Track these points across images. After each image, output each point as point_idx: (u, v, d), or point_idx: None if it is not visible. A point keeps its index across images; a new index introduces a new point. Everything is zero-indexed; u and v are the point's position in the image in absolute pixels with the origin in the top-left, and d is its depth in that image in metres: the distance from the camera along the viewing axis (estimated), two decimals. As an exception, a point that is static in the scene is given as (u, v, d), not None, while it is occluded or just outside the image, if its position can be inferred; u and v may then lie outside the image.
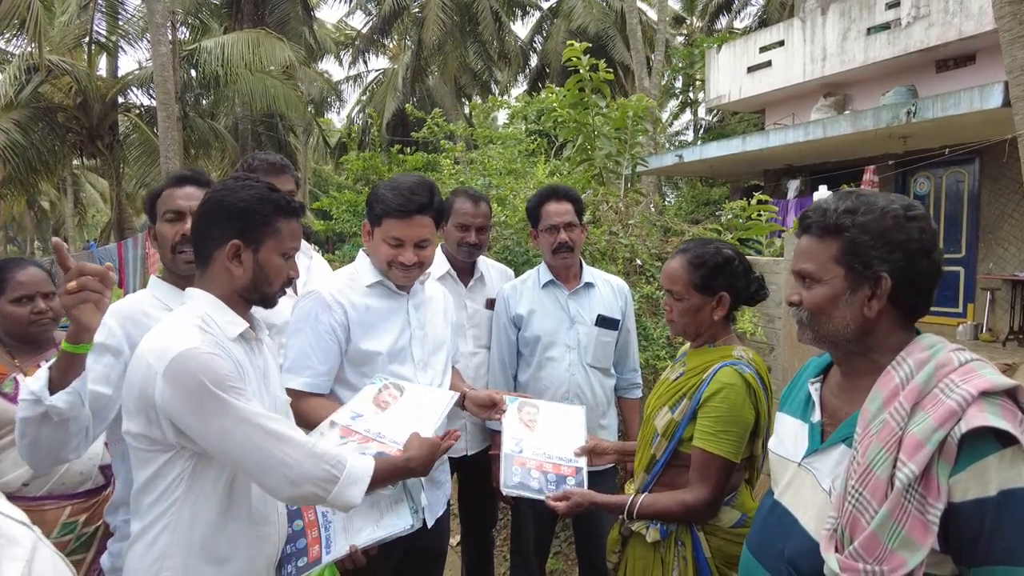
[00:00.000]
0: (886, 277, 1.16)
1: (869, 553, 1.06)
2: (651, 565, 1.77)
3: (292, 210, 1.45)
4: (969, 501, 1.02)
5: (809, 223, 1.25)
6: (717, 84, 12.61)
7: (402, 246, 1.90)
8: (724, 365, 1.70)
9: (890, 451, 1.08)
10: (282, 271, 1.45)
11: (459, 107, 20.19)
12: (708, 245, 1.80)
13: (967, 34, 8.53)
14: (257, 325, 1.52)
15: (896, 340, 1.19)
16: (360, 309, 1.91)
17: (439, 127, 6.21)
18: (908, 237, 1.15)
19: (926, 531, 1.02)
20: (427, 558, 2.07)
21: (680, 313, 1.79)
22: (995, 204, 8.84)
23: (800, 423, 1.33)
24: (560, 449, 2.01)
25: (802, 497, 1.25)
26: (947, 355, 1.13)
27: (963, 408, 1.03)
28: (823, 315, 1.22)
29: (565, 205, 2.45)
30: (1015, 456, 1.02)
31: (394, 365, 1.93)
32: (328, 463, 1.35)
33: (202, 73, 14.09)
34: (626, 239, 3.40)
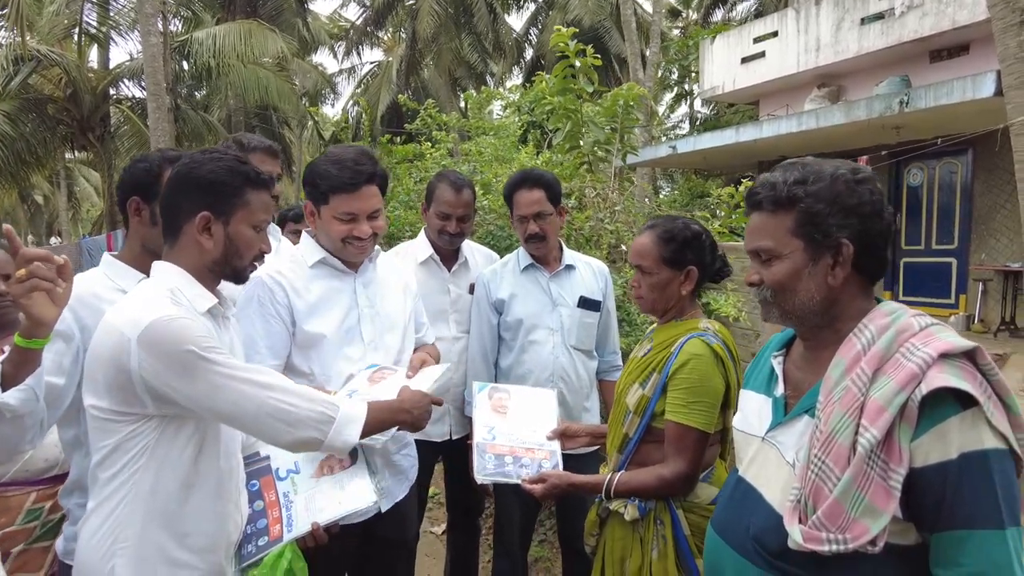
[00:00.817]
0: (847, 243, 1.15)
1: (832, 522, 1.05)
2: (629, 545, 1.75)
3: (261, 182, 1.43)
4: (931, 465, 1.01)
5: (759, 199, 1.22)
6: (711, 75, 12.57)
7: (355, 220, 1.85)
8: (691, 337, 1.72)
9: (852, 417, 1.06)
10: (253, 243, 1.43)
11: (454, 99, 20.09)
12: (676, 221, 1.83)
13: (960, 23, 8.50)
14: (225, 302, 1.49)
15: (857, 308, 1.18)
16: (303, 290, 1.85)
17: (432, 118, 6.17)
18: (861, 200, 1.14)
19: (888, 497, 1.01)
20: (387, 548, 2.02)
21: (649, 288, 1.80)
22: (988, 195, 8.83)
23: (764, 398, 1.31)
24: (533, 434, 2.00)
25: (766, 472, 1.23)
26: (908, 320, 1.12)
27: (923, 370, 1.02)
28: (787, 290, 1.20)
29: (535, 193, 2.39)
30: (975, 418, 1.00)
31: (344, 347, 1.86)
32: (322, 405, 1.37)
33: (194, 65, 14.00)
34: (611, 225, 3.37)
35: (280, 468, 1.58)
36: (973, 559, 0.98)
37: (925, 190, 9.69)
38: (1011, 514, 0.99)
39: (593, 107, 4.93)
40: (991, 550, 0.98)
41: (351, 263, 1.95)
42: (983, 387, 1.02)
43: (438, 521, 3.89)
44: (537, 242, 2.43)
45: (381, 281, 2.01)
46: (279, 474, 1.57)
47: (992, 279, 8.68)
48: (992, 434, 1.00)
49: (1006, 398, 1.04)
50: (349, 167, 1.83)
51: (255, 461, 1.60)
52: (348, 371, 1.85)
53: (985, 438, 1.00)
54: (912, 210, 9.88)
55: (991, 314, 8.66)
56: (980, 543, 0.98)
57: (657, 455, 1.74)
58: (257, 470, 1.57)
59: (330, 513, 1.47)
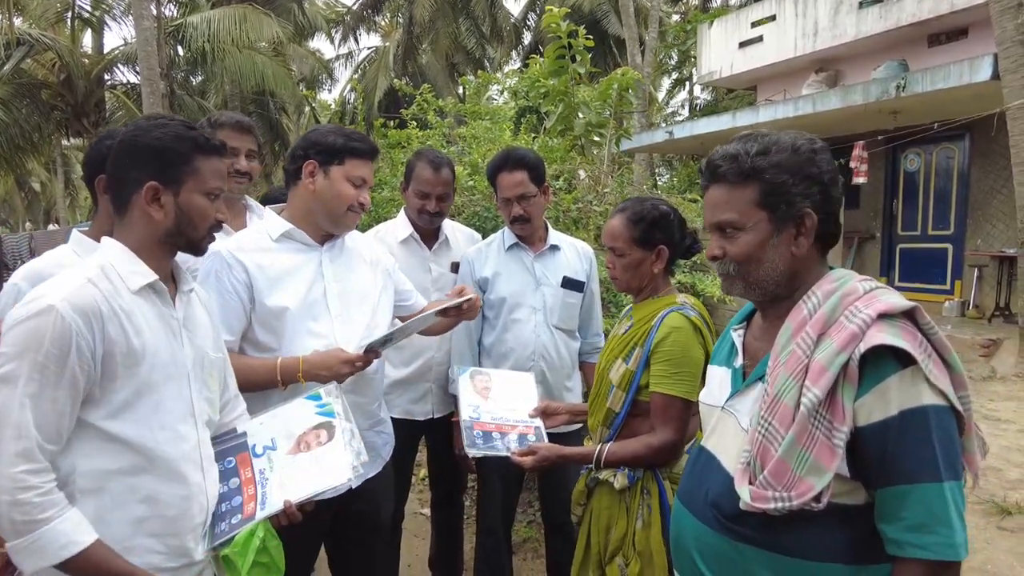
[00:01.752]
0: (811, 212, 1.16)
1: (778, 480, 1.07)
2: (616, 514, 1.81)
3: (212, 147, 1.37)
4: (873, 423, 1.03)
5: (721, 171, 1.21)
6: (709, 60, 12.49)
7: (364, 186, 1.85)
8: (670, 311, 1.78)
9: (797, 379, 1.08)
10: (207, 213, 1.37)
11: (452, 85, 19.99)
12: (645, 202, 1.88)
13: (959, 7, 8.42)
14: (182, 276, 1.45)
15: (815, 276, 1.20)
16: (264, 265, 1.82)
17: (428, 103, 6.13)
18: (821, 169, 1.16)
19: (833, 455, 1.03)
20: (360, 526, 2.01)
21: (623, 268, 1.86)
22: (984, 180, 8.80)
23: (725, 370, 1.33)
24: (516, 412, 2.05)
25: (724, 439, 1.25)
26: (853, 284, 1.14)
27: (863, 330, 1.04)
28: (752, 262, 1.20)
29: (518, 175, 2.36)
30: (915, 376, 1.02)
31: (308, 320, 1.83)
32: (28, 513, 1.15)
33: (189, 50, 13.91)
34: (600, 207, 3.36)
35: (257, 444, 1.55)
36: (913, 512, 1.01)
37: (922, 176, 9.66)
38: (949, 468, 1.01)
39: (588, 91, 4.90)
40: (930, 503, 1.00)
41: (318, 237, 1.92)
42: (923, 345, 1.04)
43: (427, 502, 3.90)
44: (522, 223, 2.42)
45: (349, 255, 1.99)
46: (255, 451, 1.55)
47: (988, 265, 8.66)
48: (931, 391, 1.02)
49: (947, 356, 1.06)
50: (364, 138, 1.87)
51: (231, 438, 1.58)
52: (314, 346, 1.81)
53: (924, 395, 1.02)
54: (909, 196, 9.85)
55: (986, 300, 8.66)
56: (920, 496, 1.01)
57: (643, 427, 1.79)
58: (233, 447, 1.55)
59: (304, 490, 1.44)
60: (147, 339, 1.31)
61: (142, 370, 1.29)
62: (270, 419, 1.58)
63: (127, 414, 1.28)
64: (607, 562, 1.80)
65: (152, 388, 1.31)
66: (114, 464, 1.26)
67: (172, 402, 1.35)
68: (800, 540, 1.09)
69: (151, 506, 1.31)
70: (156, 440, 1.31)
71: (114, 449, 1.27)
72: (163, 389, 1.33)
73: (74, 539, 1.19)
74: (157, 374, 1.32)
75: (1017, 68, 6.32)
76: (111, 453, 1.27)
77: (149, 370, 1.31)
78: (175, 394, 1.36)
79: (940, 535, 1.00)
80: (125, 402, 1.28)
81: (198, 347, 1.44)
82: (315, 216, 1.89)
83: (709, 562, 1.20)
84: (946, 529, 1.00)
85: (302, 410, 1.60)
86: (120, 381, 1.27)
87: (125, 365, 1.27)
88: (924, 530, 1.00)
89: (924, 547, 1.00)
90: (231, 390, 1.61)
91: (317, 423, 1.55)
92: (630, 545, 1.76)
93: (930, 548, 1.00)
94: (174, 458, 1.33)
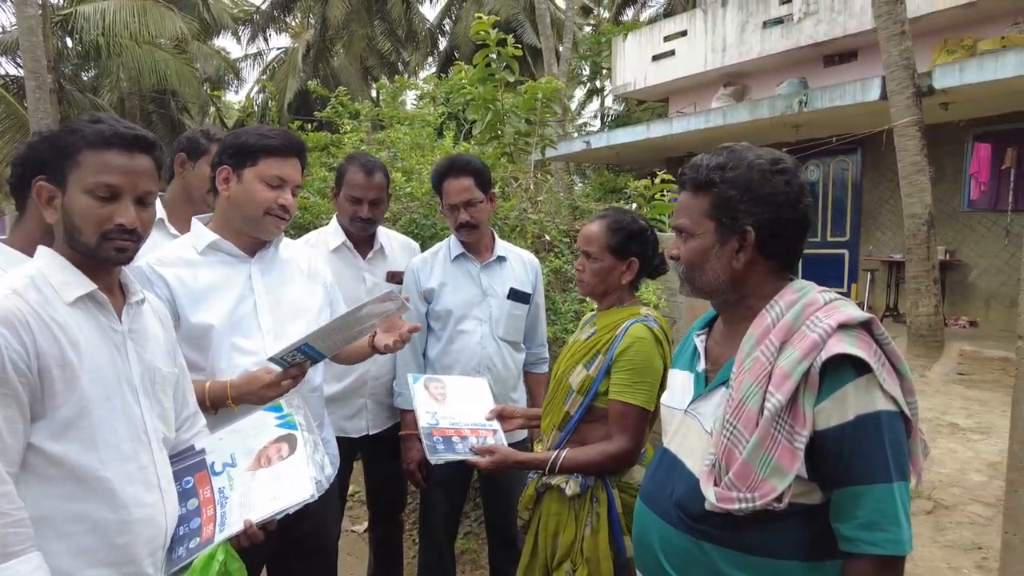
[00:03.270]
0: (751, 230, 1.20)
1: (742, 482, 1.12)
2: (564, 520, 1.81)
3: (104, 139, 1.19)
4: (831, 428, 1.09)
5: (685, 179, 1.28)
6: (623, 72, 12.89)
7: (283, 187, 1.73)
8: (634, 322, 1.81)
9: (761, 385, 1.13)
10: (91, 214, 1.19)
11: (366, 88, 19.61)
12: (626, 214, 1.93)
13: (850, 31, 9.13)
14: (129, 286, 1.33)
15: (770, 288, 1.24)
16: (187, 279, 1.69)
17: (344, 106, 5.94)
18: (774, 190, 1.19)
19: (794, 457, 1.08)
20: (306, 549, 1.90)
21: (592, 273, 1.88)
22: (875, 191, 9.54)
23: (687, 374, 1.36)
24: (473, 416, 2.03)
25: (688, 442, 1.28)
26: (813, 296, 1.19)
27: (824, 340, 1.10)
28: (696, 268, 1.26)
29: (464, 181, 2.32)
30: (870, 383, 1.08)
31: (237, 337, 1.71)
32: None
33: (80, 42, 12.92)
34: (535, 215, 3.37)
35: (216, 462, 1.45)
36: (866, 511, 1.07)
37: (821, 186, 10.36)
38: (899, 469, 1.08)
39: (512, 99, 4.91)
40: (881, 502, 1.07)
41: (247, 247, 1.79)
42: (877, 355, 1.10)
43: (359, 519, 3.77)
44: (468, 230, 2.38)
45: (283, 266, 1.86)
46: (214, 468, 1.44)
47: (879, 269, 9.39)
48: (884, 397, 1.09)
49: (899, 365, 1.13)
50: (281, 134, 1.74)
51: (188, 456, 1.46)
52: (244, 364, 1.69)
53: (877, 401, 1.08)
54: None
55: (878, 301, 9.38)
56: (873, 496, 1.07)
57: (595, 433, 1.81)
58: (190, 466, 1.44)
59: (266, 509, 1.35)
60: (84, 353, 1.19)
61: (81, 385, 1.18)
62: (229, 434, 1.49)
63: (70, 434, 1.17)
64: (554, 568, 1.81)
65: (95, 405, 1.20)
66: (56, 489, 1.15)
67: (117, 421, 1.24)
68: (761, 538, 1.14)
69: (98, 535, 1.19)
70: (102, 461, 1.20)
71: (57, 474, 1.16)
72: (106, 406, 1.22)
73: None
74: (98, 390, 1.20)
75: (902, 89, 6.89)
76: (54, 479, 1.15)
77: (89, 386, 1.19)
78: (120, 412, 1.24)
79: (889, 532, 1.06)
80: (67, 420, 1.16)
81: (147, 361, 1.33)
82: (236, 224, 1.76)
83: (673, 560, 1.24)
84: (895, 527, 1.06)
85: (262, 423, 1.51)
86: (60, 397, 1.16)
87: (63, 380, 1.16)
88: (875, 528, 1.06)
89: (875, 543, 1.06)
90: (190, 406, 1.50)
91: (278, 436, 1.46)
92: (578, 552, 1.77)
93: (880, 544, 1.06)
94: (121, 479, 1.22)
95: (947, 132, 8.48)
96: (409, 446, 2.38)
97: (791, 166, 1.22)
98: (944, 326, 7.63)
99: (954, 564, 3.20)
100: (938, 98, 7.23)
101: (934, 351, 7.27)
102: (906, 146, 6.99)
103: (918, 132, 6.91)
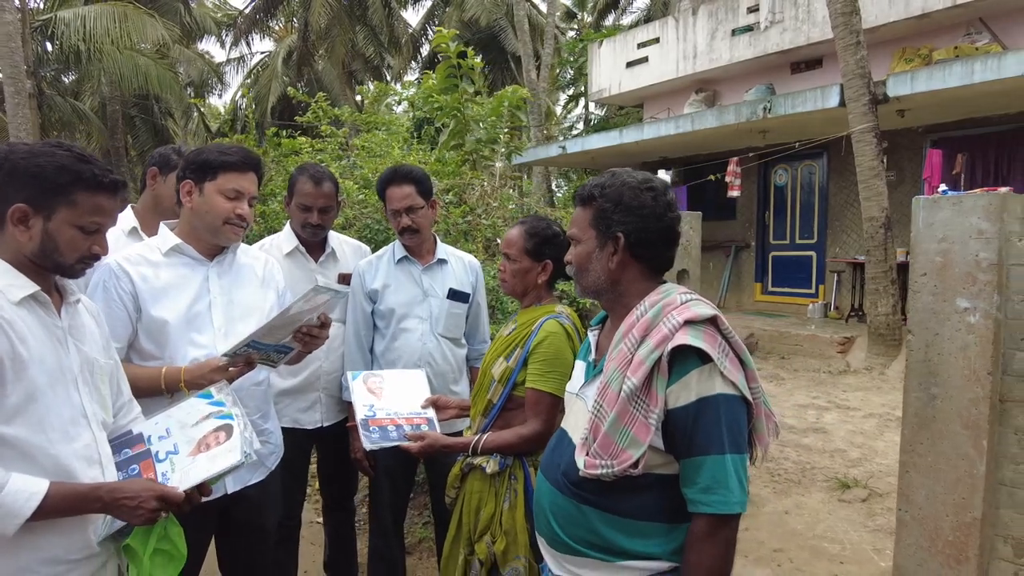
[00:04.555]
0: (621, 236, 1.42)
1: (605, 451, 1.31)
2: (486, 496, 1.99)
3: (98, 183, 1.41)
4: (679, 407, 1.28)
5: (577, 195, 1.51)
6: (599, 78, 13.11)
7: (240, 199, 1.92)
8: (548, 318, 2.01)
9: (622, 370, 1.33)
10: (76, 244, 1.42)
11: (350, 93, 19.74)
12: (542, 220, 2.13)
13: (814, 40, 9.38)
14: (66, 288, 1.51)
15: (642, 288, 1.44)
16: (149, 277, 1.90)
17: (324, 112, 6.10)
18: (641, 204, 1.41)
19: (647, 431, 1.28)
20: (244, 530, 2.08)
21: (512, 273, 2.09)
22: (839, 194, 9.81)
23: (582, 363, 1.58)
24: (409, 406, 2.19)
25: (575, 420, 1.48)
26: (673, 296, 1.39)
27: (672, 333, 1.30)
28: (582, 270, 1.48)
29: (405, 188, 2.52)
30: (711, 371, 1.29)
31: (191, 332, 1.92)
32: None
33: (60, 47, 12.97)
34: (488, 220, 3.56)
35: (160, 451, 1.60)
36: (703, 477, 1.27)
37: (789, 190, 10.62)
38: (732, 443, 1.28)
39: (480, 107, 5.10)
40: (715, 470, 1.27)
41: (207, 252, 1.99)
42: (721, 347, 1.30)
43: (321, 511, 3.93)
44: (410, 234, 2.56)
45: (239, 271, 2.07)
46: (158, 456, 1.59)
47: (844, 270, 9.65)
48: (723, 382, 1.29)
49: (742, 355, 1.34)
50: (239, 152, 1.95)
51: (130, 441, 1.60)
52: (195, 355, 1.89)
53: (717, 385, 1.28)
54: (778, 208, 10.79)
55: (844, 302, 9.64)
56: (709, 465, 1.27)
57: (516, 419, 2.00)
58: (136, 455, 1.59)
59: (198, 476, 1.50)
60: (32, 346, 1.36)
61: (29, 374, 1.35)
62: (164, 418, 1.64)
63: (18, 418, 1.34)
64: (476, 540, 1.99)
65: (41, 392, 1.37)
66: (9, 467, 1.32)
67: (61, 406, 1.41)
68: (628, 502, 1.34)
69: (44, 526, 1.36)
70: (49, 440, 1.38)
71: (8, 453, 1.33)
72: (51, 393, 1.39)
73: (33, 490, 1.30)
74: (44, 379, 1.38)
75: (859, 97, 7.15)
76: (5, 457, 1.32)
77: (36, 375, 1.36)
78: (64, 398, 1.42)
79: (721, 495, 1.26)
80: (15, 407, 1.34)
81: (85, 354, 1.50)
82: (199, 232, 1.97)
83: (559, 520, 1.43)
84: (725, 491, 1.26)
85: (194, 407, 1.67)
86: (10, 386, 1.33)
87: (14, 370, 1.33)
88: (710, 491, 1.26)
89: (709, 504, 1.26)
90: (124, 394, 1.67)
91: (216, 426, 1.62)
92: (497, 524, 1.95)
93: (713, 505, 1.26)
94: (66, 456, 1.40)
95: (906, 137, 8.77)
96: (355, 436, 2.56)
97: (659, 186, 1.44)
98: (903, 325, 7.88)
99: (879, 547, 3.41)
100: (894, 105, 7.49)
101: (892, 350, 7.51)
102: (863, 151, 7.24)
103: (874, 138, 7.17)
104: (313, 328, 1.94)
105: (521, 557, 1.91)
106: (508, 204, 3.93)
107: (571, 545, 1.40)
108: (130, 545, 1.47)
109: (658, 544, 1.34)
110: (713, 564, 1.27)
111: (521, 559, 1.91)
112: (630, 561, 1.34)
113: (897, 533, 2.50)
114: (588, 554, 1.38)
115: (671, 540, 1.34)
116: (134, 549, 1.47)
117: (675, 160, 11.55)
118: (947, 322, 2.34)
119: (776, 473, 4.38)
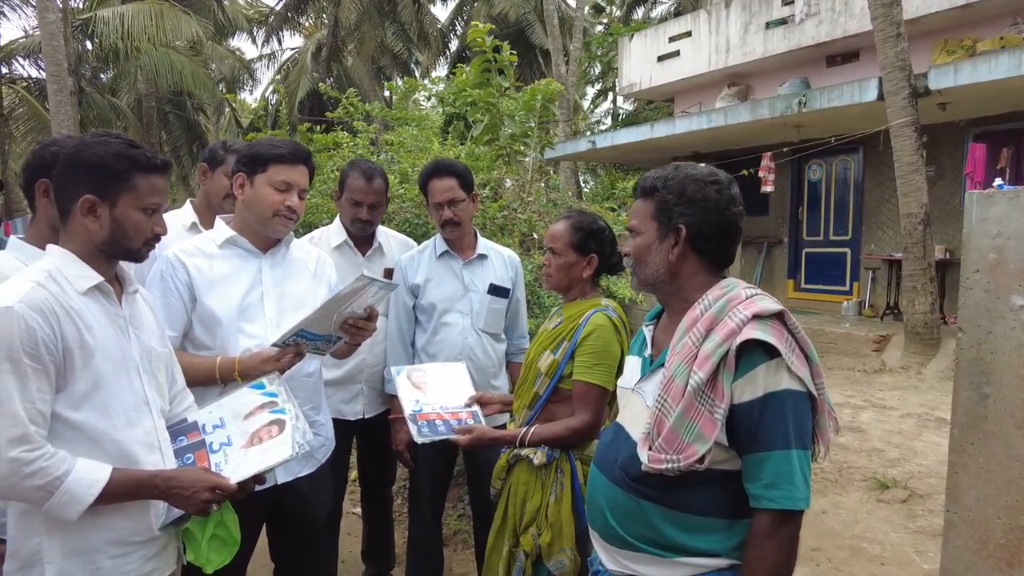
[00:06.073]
0: (683, 228, 1.40)
1: (670, 446, 1.30)
2: (532, 488, 2.01)
3: (151, 165, 1.46)
4: (745, 402, 1.27)
5: (638, 187, 1.50)
6: (629, 72, 13.01)
7: (290, 191, 1.97)
8: (595, 311, 2.02)
9: (687, 364, 1.32)
10: (142, 226, 1.47)
11: (378, 88, 19.86)
12: (587, 215, 2.14)
13: (851, 32, 9.19)
14: (126, 278, 1.56)
15: (701, 282, 1.43)
16: (203, 268, 1.95)
17: (354, 107, 6.14)
18: (705, 196, 1.40)
19: (714, 426, 1.27)
20: (294, 522, 2.12)
21: (557, 268, 2.09)
22: (875, 190, 9.61)
23: (637, 358, 1.56)
24: (454, 401, 2.22)
25: (633, 415, 1.48)
26: (738, 291, 1.38)
27: (740, 327, 1.28)
28: (641, 262, 1.47)
29: (448, 181, 2.54)
30: (779, 366, 1.27)
31: (243, 323, 1.96)
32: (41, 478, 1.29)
33: (99, 45, 13.26)
34: (524, 214, 3.56)
35: (213, 442, 1.65)
36: (768, 473, 1.26)
37: (823, 185, 10.44)
38: (798, 439, 1.27)
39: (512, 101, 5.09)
40: (780, 466, 1.26)
41: (261, 244, 2.03)
42: (788, 342, 1.29)
43: (359, 501, 3.98)
44: (452, 227, 2.58)
45: (292, 264, 2.11)
46: (212, 447, 1.64)
47: (880, 268, 9.47)
48: (790, 378, 1.27)
49: (808, 351, 1.32)
50: (289, 145, 1.99)
51: (186, 429, 1.65)
52: (247, 346, 1.93)
53: (784, 381, 1.27)
54: (812, 204, 10.62)
55: (879, 300, 9.46)
56: (774, 461, 1.26)
57: (561, 412, 2.02)
58: (192, 444, 1.64)
59: (251, 468, 1.55)
60: (98, 335, 1.42)
61: (95, 363, 1.40)
62: (217, 408, 1.69)
63: (86, 404, 1.40)
64: (522, 532, 2.00)
65: (106, 379, 1.42)
66: (76, 450, 1.37)
67: (125, 392, 1.46)
68: (688, 498, 1.33)
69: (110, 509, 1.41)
70: (114, 426, 1.43)
71: (75, 436, 1.38)
72: (115, 380, 1.44)
73: (96, 476, 1.35)
74: (109, 367, 1.43)
75: (898, 90, 6.99)
76: (73, 440, 1.38)
77: (102, 363, 1.42)
78: (127, 385, 1.47)
79: (785, 491, 1.25)
80: (83, 393, 1.39)
81: (144, 342, 1.55)
82: (251, 224, 2.01)
83: (616, 515, 1.42)
84: (790, 486, 1.25)
85: (247, 397, 1.71)
86: (79, 373, 1.38)
87: (82, 358, 1.38)
88: (774, 487, 1.25)
89: (773, 500, 1.25)
90: (179, 383, 1.72)
91: (269, 420, 1.66)
92: (543, 517, 1.96)
93: (777, 500, 1.25)
94: (129, 442, 1.45)
95: (946, 132, 8.55)
96: (397, 429, 2.59)
97: (724, 179, 1.43)
98: (943, 324, 7.71)
99: (921, 548, 3.35)
100: (935, 98, 7.30)
101: (930, 348, 7.35)
102: (902, 146, 7.08)
103: (914, 132, 7.00)
104: (359, 320, 1.96)
105: (566, 550, 1.92)
106: (541, 198, 3.93)
107: (628, 540, 1.40)
108: (189, 529, 1.53)
109: (718, 540, 1.33)
110: (776, 560, 1.26)
111: (566, 552, 1.91)
112: (688, 558, 1.34)
113: (945, 535, 2.45)
114: (645, 549, 1.37)
115: (731, 536, 1.33)
116: (193, 533, 1.53)
117: (707, 155, 11.41)
118: (1000, 320, 2.28)
119: (812, 471, 4.32)
